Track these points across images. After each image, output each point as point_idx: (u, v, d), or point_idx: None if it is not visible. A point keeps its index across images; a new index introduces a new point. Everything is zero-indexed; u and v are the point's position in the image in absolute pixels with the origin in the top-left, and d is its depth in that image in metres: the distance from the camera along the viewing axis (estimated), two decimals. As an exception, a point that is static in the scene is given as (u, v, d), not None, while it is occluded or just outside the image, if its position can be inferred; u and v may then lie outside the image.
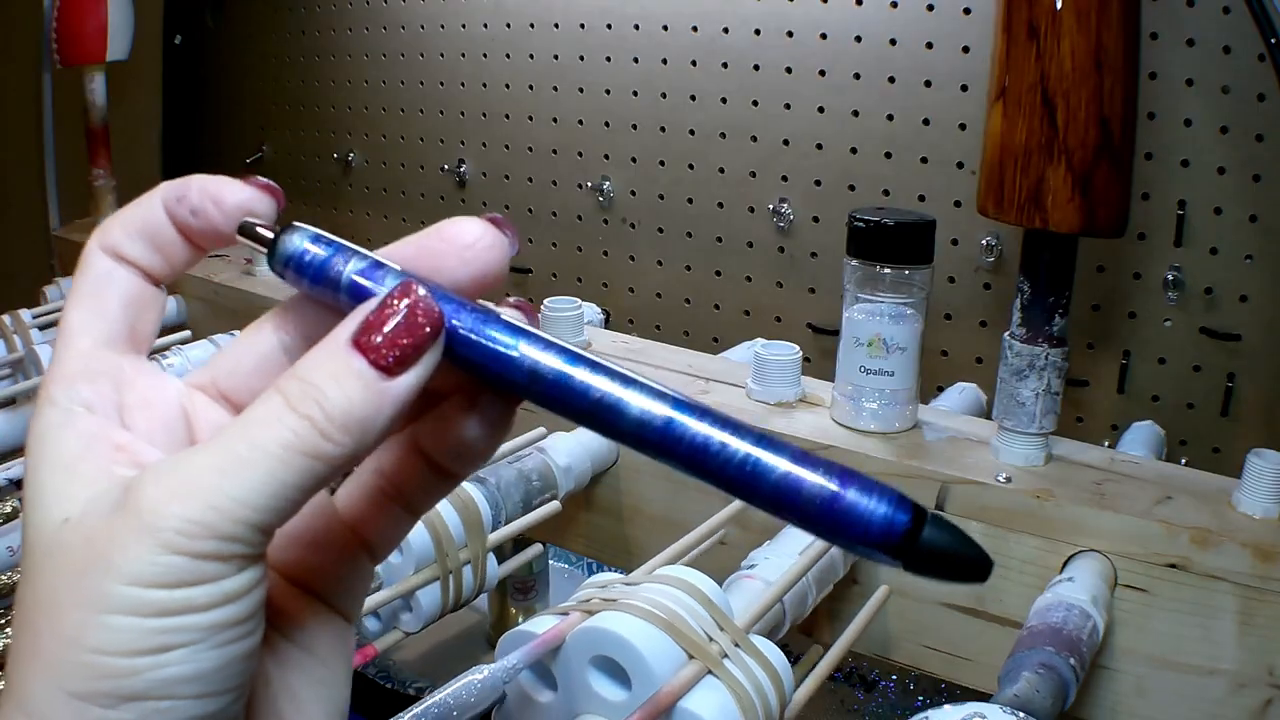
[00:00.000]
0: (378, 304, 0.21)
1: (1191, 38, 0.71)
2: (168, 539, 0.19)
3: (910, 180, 0.84)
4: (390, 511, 0.25)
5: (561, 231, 1.06)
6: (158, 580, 0.19)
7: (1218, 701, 0.51)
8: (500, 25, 1.04)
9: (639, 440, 0.21)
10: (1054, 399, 0.56)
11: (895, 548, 0.20)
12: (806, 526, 0.21)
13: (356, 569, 0.25)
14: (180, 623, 0.19)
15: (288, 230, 0.23)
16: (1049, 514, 0.54)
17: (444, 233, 0.23)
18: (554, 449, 0.64)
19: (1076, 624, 0.47)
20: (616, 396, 0.21)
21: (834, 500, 0.20)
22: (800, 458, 0.21)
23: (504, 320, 0.22)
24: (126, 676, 0.19)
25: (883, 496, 0.20)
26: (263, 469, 0.20)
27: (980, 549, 0.20)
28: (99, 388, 0.22)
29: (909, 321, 0.59)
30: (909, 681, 0.81)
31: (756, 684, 0.41)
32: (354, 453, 0.21)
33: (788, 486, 0.20)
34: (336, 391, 0.20)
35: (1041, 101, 0.51)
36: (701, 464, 0.21)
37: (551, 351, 0.22)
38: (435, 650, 0.86)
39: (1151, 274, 0.75)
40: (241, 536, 0.20)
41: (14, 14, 1.20)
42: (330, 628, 0.25)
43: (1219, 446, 0.75)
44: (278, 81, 1.26)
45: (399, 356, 0.21)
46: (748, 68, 0.90)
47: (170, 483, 0.20)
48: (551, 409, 0.22)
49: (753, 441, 0.21)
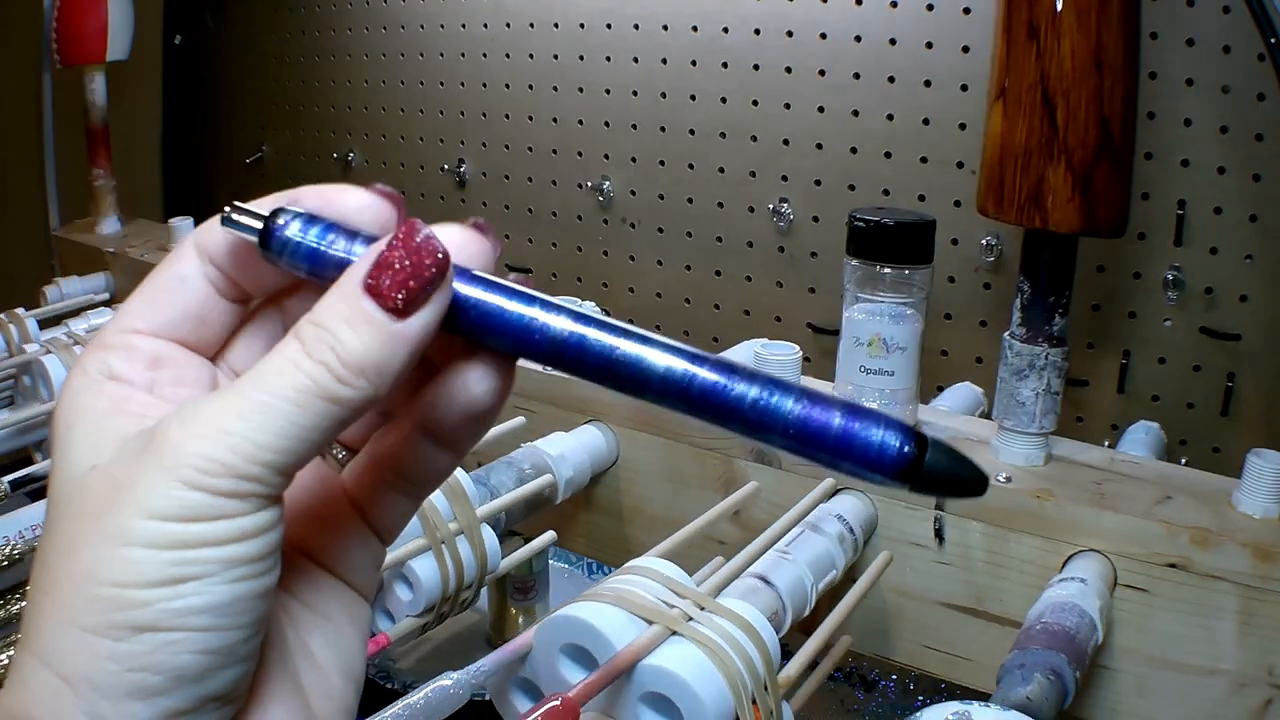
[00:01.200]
0: (384, 246, 0.21)
1: (1191, 38, 0.71)
2: (187, 475, 0.20)
3: (910, 180, 0.84)
4: (394, 492, 0.25)
5: (561, 231, 1.06)
6: (176, 514, 0.20)
7: (1218, 701, 0.51)
8: (500, 25, 1.04)
9: (664, 394, 0.22)
10: (1054, 399, 0.56)
11: (904, 473, 0.21)
12: (822, 458, 0.22)
13: (366, 548, 0.26)
14: (196, 555, 0.20)
15: (279, 217, 0.23)
16: (1049, 514, 0.54)
17: None
18: (553, 449, 0.64)
19: (1076, 624, 0.46)
20: (638, 355, 0.22)
21: (845, 432, 0.22)
22: (809, 396, 0.22)
23: (523, 291, 0.22)
24: (140, 608, 0.19)
25: (889, 427, 0.22)
26: (281, 413, 0.20)
27: (977, 468, 0.22)
28: (132, 364, 0.23)
29: (909, 321, 0.59)
30: (909, 681, 0.81)
31: (730, 638, 0.41)
32: (371, 396, 0.21)
33: (798, 421, 0.22)
34: (350, 336, 0.21)
35: (1041, 101, 0.51)
36: (719, 410, 0.22)
37: (572, 317, 0.22)
38: (435, 650, 0.86)
39: (1151, 274, 0.75)
40: (259, 477, 0.20)
41: (14, 14, 1.20)
42: (346, 599, 0.25)
43: (1219, 446, 0.75)
44: (278, 81, 1.26)
45: (408, 297, 0.21)
46: (748, 68, 0.90)
47: (192, 425, 0.20)
48: (571, 372, 0.22)
49: (762, 386, 0.22)
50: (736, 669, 0.41)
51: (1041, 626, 0.46)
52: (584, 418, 0.69)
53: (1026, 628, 0.47)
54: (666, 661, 0.40)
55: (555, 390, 0.70)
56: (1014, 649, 0.45)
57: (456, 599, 0.54)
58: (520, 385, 0.71)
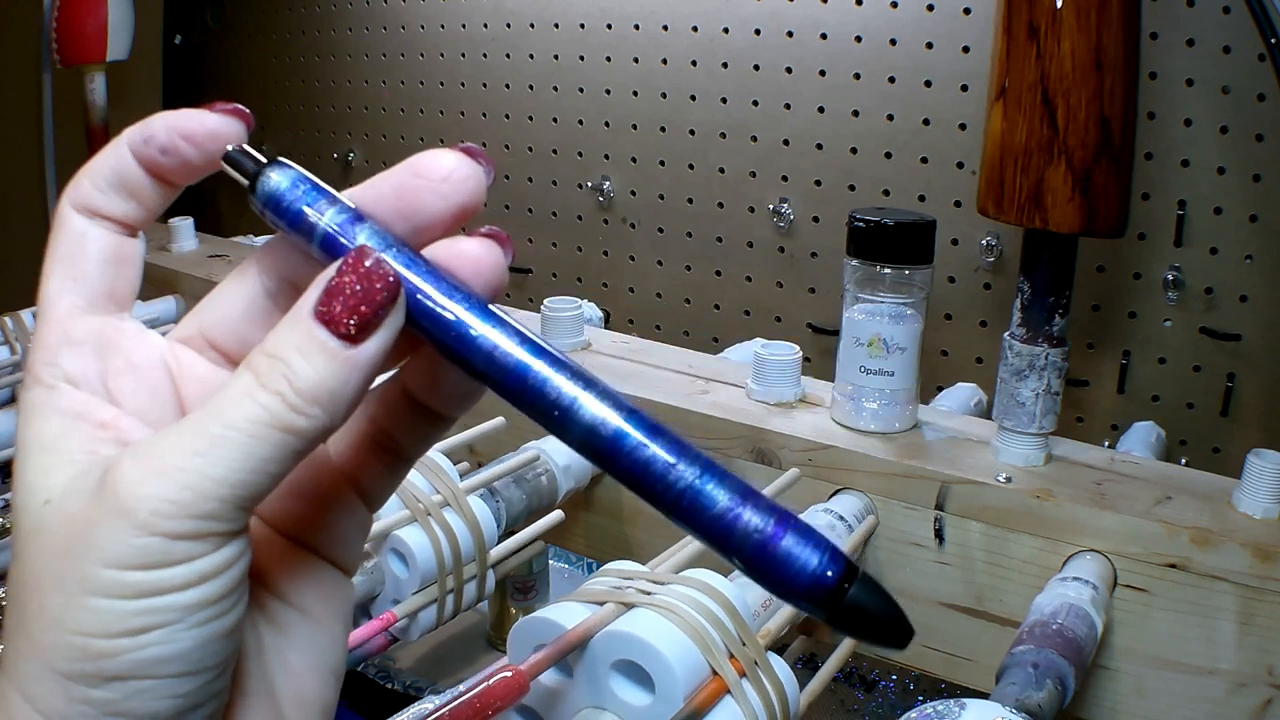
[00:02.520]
0: (334, 272, 0.21)
1: (1191, 38, 0.71)
2: (144, 520, 0.19)
3: (910, 180, 0.84)
4: (382, 458, 0.25)
5: (561, 231, 1.06)
6: (135, 562, 0.19)
7: (1217, 701, 0.51)
8: (500, 25, 1.04)
9: (586, 446, 0.21)
10: (1054, 399, 0.56)
11: (821, 601, 0.20)
12: (739, 564, 0.21)
13: (352, 518, 0.25)
14: (157, 604, 0.19)
15: (271, 167, 0.22)
16: (1049, 514, 0.54)
17: (418, 168, 0.22)
18: (554, 449, 0.64)
19: (1076, 624, 0.47)
20: (572, 397, 0.21)
21: (767, 545, 0.20)
22: (744, 495, 0.21)
23: (474, 298, 0.22)
24: (109, 657, 0.19)
25: (817, 547, 0.20)
26: (236, 446, 0.20)
27: (903, 616, 0.20)
28: (81, 358, 0.22)
29: (909, 321, 0.59)
30: (909, 681, 0.81)
31: (769, 706, 0.41)
32: (327, 425, 0.21)
33: (725, 524, 0.20)
34: (302, 364, 0.20)
35: (1041, 101, 0.51)
36: (643, 483, 0.21)
37: (514, 339, 0.21)
38: (435, 651, 0.86)
39: (1151, 274, 0.75)
40: (218, 514, 0.20)
41: (14, 14, 1.20)
42: (326, 583, 0.25)
43: (1219, 446, 0.75)
44: (278, 81, 1.26)
45: (359, 323, 0.21)
46: (748, 68, 0.90)
47: (147, 464, 0.20)
48: (503, 396, 0.22)
49: (699, 470, 0.21)
50: (699, 624, 0.41)
51: (1041, 626, 0.46)
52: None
53: (1026, 628, 0.47)
54: (628, 627, 0.39)
55: (555, 390, 0.70)
56: (1013, 649, 0.45)
57: (459, 575, 0.53)
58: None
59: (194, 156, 0.22)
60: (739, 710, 0.40)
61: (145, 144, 0.22)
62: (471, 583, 0.54)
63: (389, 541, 0.52)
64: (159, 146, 0.22)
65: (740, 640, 0.42)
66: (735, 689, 0.41)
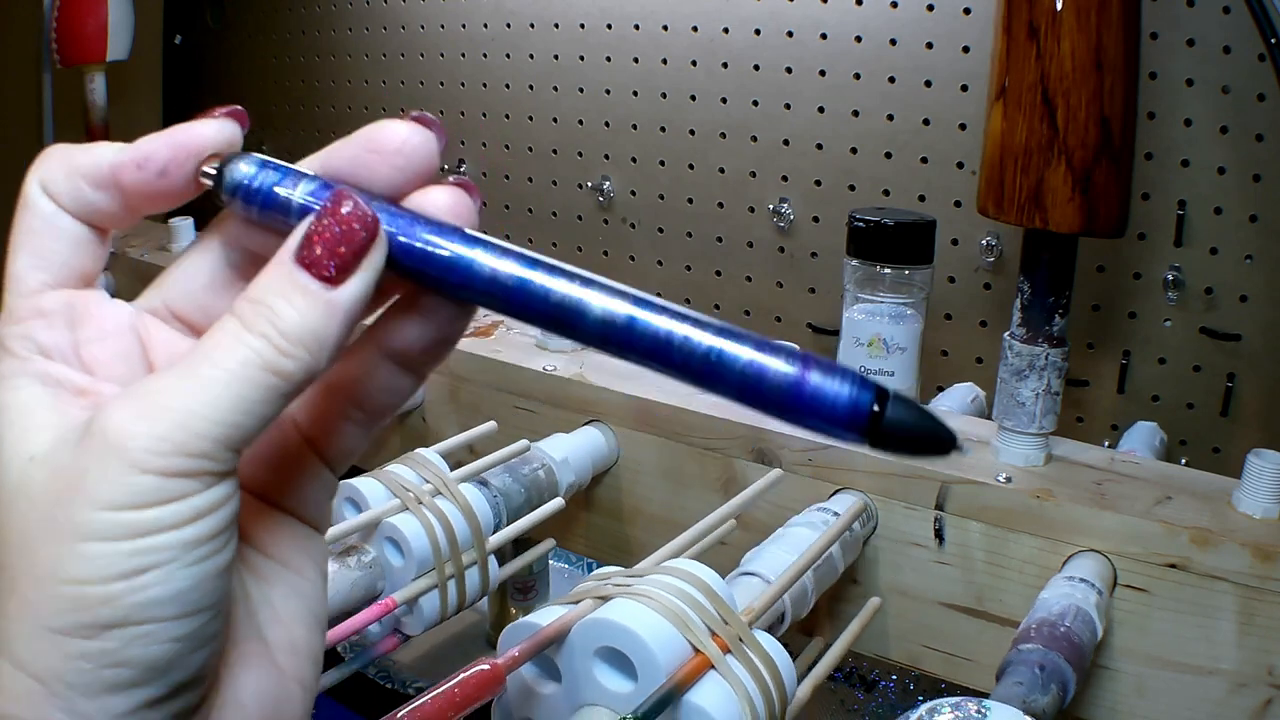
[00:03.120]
0: (314, 217, 0.21)
1: (1191, 38, 0.71)
2: (137, 458, 0.19)
3: (910, 180, 0.84)
4: (348, 421, 0.25)
5: (561, 231, 1.06)
6: (130, 502, 0.19)
7: (1218, 701, 0.51)
8: (500, 25, 1.04)
9: (603, 339, 0.22)
10: (1054, 399, 0.56)
11: (862, 427, 0.21)
12: (775, 412, 0.21)
13: (318, 481, 0.25)
14: (153, 543, 0.19)
15: (233, 161, 0.23)
16: (1049, 514, 0.54)
17: (372, 141, 0.23)
18: (554, 449, 0.64)
19: (1076, 624, 0.47)
20: (578, 298, 0.22)
21: (799, 385, 0.21)
22: (762, 345, 0.21)
23: (457, 229, 0.22)
24: (105, 604, 0.19)
25: (845, 378, 0.21)
26: (226, 387, 0.20)
27: (943, 425, 0.21)
28: (53, 330, 0.22)
29: (909, 321, 0.59)
30: (909, 681, 0.81)
31: (760, 680, 0.41)
32: (312, 366, 0.21)
33: (753, 374, 0.21)
34: (286, 308, 0.21)
35: (1041, 101, 0.51)
36: (667, 358, 0.21)
37: (509, 257, 0.22)
38: (435, 651, 0.86)
39: (1151, 274, 0.75)
40: (209, 453, 0.20)
41: (14, 14, 1.20)
42: (301, 540, 0.25)
43: (1219, 446, 0.75)
44: (278, 81, 1.26)
45: (340, 265, 0.21)
46: (748, 68, 0.90)
47: (137, 405, 0.20)
48: (512, 315, 0.22)
49: (714, 333, 0.21)
50: (676, 606, 0.41)
51: (1041, 626, 0.46)
52: (584, 418, 0.69)
53: (1026, 627, 0.47)
54: (707, 703, 0.40)
55: (556, 390, 0.70)
56: (1013, 649, 0.45)
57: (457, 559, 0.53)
58: (521, 385, 0.71)
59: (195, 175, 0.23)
60: (726, 685, 0.41)
61: (139, 168, 0.22)
62: (473, 569, 0.54)
63: (381, 530, 0.52)
64: (158, 168, 0.22)
65: (722, 619, 0.42)
66: (720, 664, 0.41)
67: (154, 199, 0.23)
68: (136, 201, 0.23)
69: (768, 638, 0.44)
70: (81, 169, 0.22)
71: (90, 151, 0.23)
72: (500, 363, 0.72)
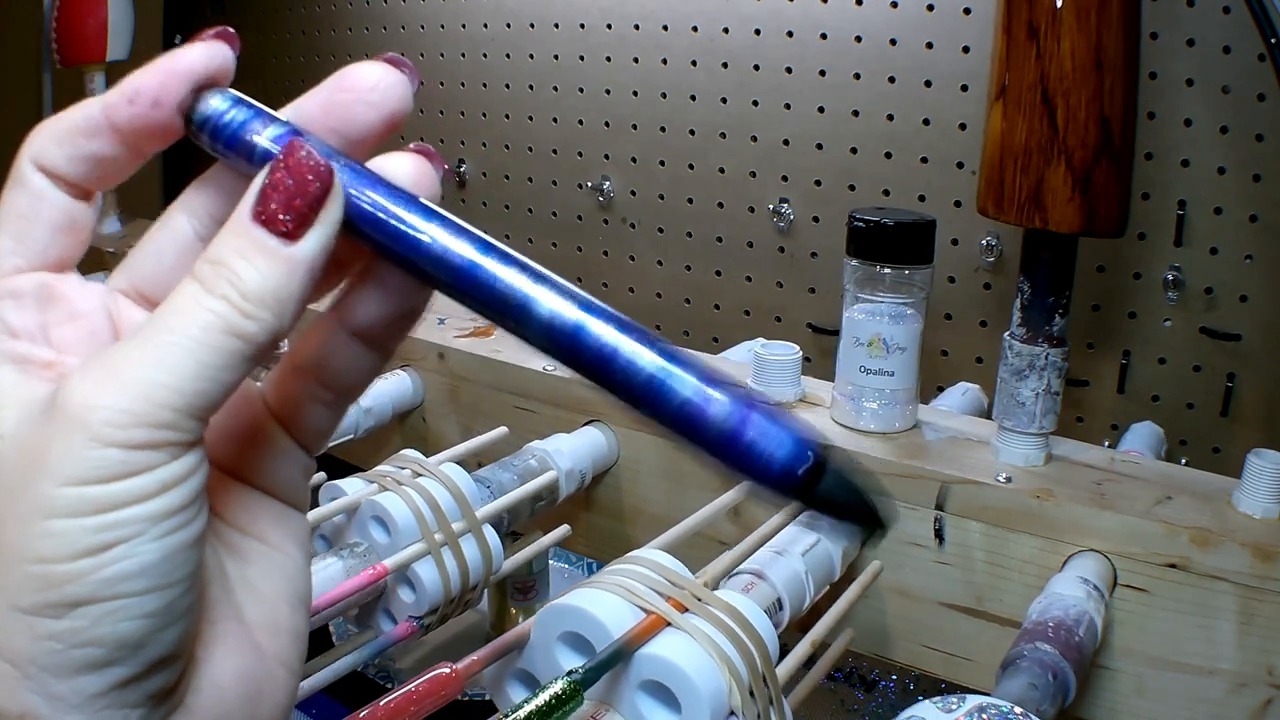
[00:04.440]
0: (268, 170, 0.21)
1: (1191, 38, 0.71)
2: (99, 431, 0.19)
3: (910, 180, 0.84)
4: (317, 401, 0.25)
5: (561, 231, 1.06)
6: (94, 476, 0.19)
7: (1218, 701, 0.51)
8: (500, 25, 1.04)
9: (546, 342, 0.21)
10: (1054, 399, 0.56)
11: (792, 489, 0.20)
12: (705, 456, 0.20)
13: (292, 461, 0.25)
14: (119, 517, 0.19)
15: (205, 93, 0.22)
16: (1049, 514, 0.54)
17: (344, 82, 0.22)
18: (554, 449, 0.64)
19: (1076, 624, 0.47)
20: (525, 293, 0.21)
21: (734, 435, 0.20)
22: (709, 382, 0.20)
23: (418, 201, 0.22)
24: (72, 582, 0.19)
25: (785, 433, 0.20)
26: (187, 353, 0.20)
27: (872, 501, 0.20)
28: (23, 311, 0.22)
29: (909, 321, 0.59)
30: (909, 681, 0.81)
31: (725, 627, 0.41)
32: (275, 327, 0.20)
33: (689, 414, 0.20)
34: (245, 267, 0.20)
35: (1041, 101, 0.51)
36: (606, 375, 0.20)
37: (463, 238, 0.21)
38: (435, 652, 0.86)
39: (1151, 274, 0.75)
40: (173, 423, 0.19)
41: (14, 14, 1.20)
42: (279, 517, 0.25)
43: (1219, 446, 0.75)
44: (278, 81, 1.26)
45: (295, 219, 0.20)
46: (748, 68, 0.90)
47: (97, 376, 0.19)
48: (456, 299, 0.22)
49: (662, 357, 0.20)
50: (733, 661, 0.41)
51: (1041, 626, 0.46)
52: (585, 418, 0.69)
53: (1026, 627, 0.47)
54: (667, 653, 0.40)
55: (556, 390, 0.70)
56: (1013, 649, 0.45)
57: (461, 600, 0.54)
58: (521, 385, 0.71)
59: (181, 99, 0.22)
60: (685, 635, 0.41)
61: (131, 103, 0.22)
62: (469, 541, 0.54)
63: (364, 511, 0.53)
64: (152, 98, 0.22)
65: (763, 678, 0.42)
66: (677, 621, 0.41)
67: (152, 134, 0.22)
68: (135, 140, 0.22)
69: (734, 595, 0.44)
70: (74, 124, 0.22)
71: (79, 107, 0.22)
72: (500, 363, 0.72)
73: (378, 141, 0.23)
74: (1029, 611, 0.49)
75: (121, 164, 0.23)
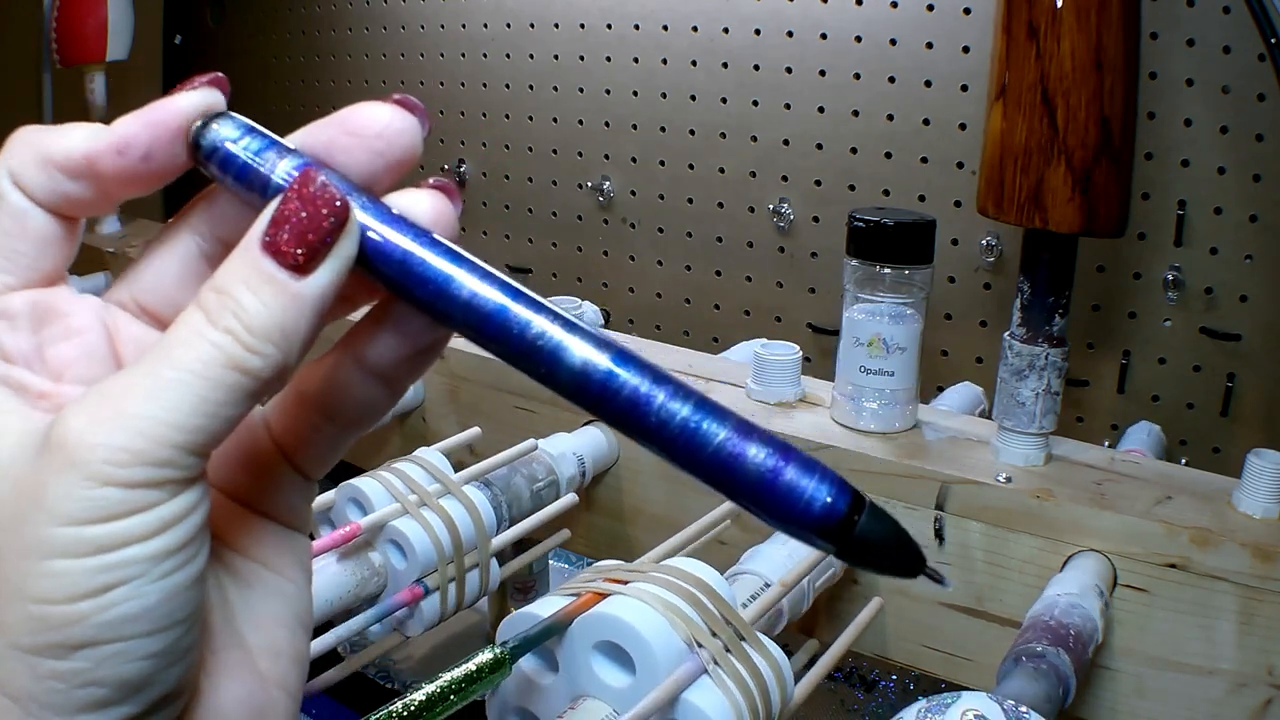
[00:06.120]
0: (280, 198, 0.20)
1: (1191, 38, 0.71)
2: (97, 470, 0.18)
3: (910, 180, 0.84)
4: (319, 429, 0.23)
5: (561, 231, 1.06)
6: (92, 516, 0.18)
7: (1218, 701, 0.51)
8: (500, 25, 1.04)
9: (574, 389, 0.20)
10: (1054, 399, 0.56)
11: (831, 533, 0.19)
12: (742, 502, 0.20)
13: (291, 487, 0.24)
14: (119, 558, 0.18)
15: (214, 121, 0.21)
16: (1049, 514, 0.54)
17: (349, 124, 0.21)
18: (554, 449, 0.64)
19: (1076, 623, 0.47)
20: (558, 340, 0.20)
21: (771, 480, 0.19)
22: (742, 429, 0.20)
23: (441, 243, 0.20)
24: (73, 624, 0.18)
25: (824, 479, 0.19)
26: (189, 388, 0.19)
27: (914, 544, 0.20)
28: (16, 333, 0.21)
29: (909, 321, 0.59)
30: (909, 681, 0.81)
31: (760, 679, 0.41)
32: (281, 363, 0.20)
33: (724, 460, 0.19)
34: (252, 299, 0.19)
35: (1041, 101, 0.51)
36: (637, 423, 0.20)
37: (490, 283, 0.20)
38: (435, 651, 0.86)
39: (1151, 274, 0.75)
40: (173, 460, 0.19)
41: (14, 14, 1.20)
42: (281, 541, 0.24)
43: (1219, 446, 0.75)
44: (278, 81, 1.26)
45: (307, 252, 0.20)
46: (748, 68, 0.90)
47: (94, 412, 0.19)
48: (481, 345, 0.21)
49: (693, 406, 0.20)
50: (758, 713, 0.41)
51: (1041, 626, 0.46)
52: (584, 418, 0.69)
53: (1026, 627, 0.47)
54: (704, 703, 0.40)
55: (555, 390, 0.70)
56: (1014, 648, 0.45)
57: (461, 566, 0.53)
58: (521, 385, 0.71)
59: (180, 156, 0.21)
60: (726, 679, 0.41)
61: (120, 154, 0.21)
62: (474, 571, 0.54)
63: (385, 533, 0.52)
64: (142, 153, 0.21)
65: (724, 619, 0.42)
66: (722, 660, 0.41)
67: (137, 184, 0.21)
68: (117, 189, 0.21)
69: (768, 640, 0.44)
70: (55, 159, 0.21)
71: (63, 137, 0.21)
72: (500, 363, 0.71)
73: (381, 191, 0.21)
74: (1029, 611, 0.49)
75: (97, 206, 0.22)
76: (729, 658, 0.41)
